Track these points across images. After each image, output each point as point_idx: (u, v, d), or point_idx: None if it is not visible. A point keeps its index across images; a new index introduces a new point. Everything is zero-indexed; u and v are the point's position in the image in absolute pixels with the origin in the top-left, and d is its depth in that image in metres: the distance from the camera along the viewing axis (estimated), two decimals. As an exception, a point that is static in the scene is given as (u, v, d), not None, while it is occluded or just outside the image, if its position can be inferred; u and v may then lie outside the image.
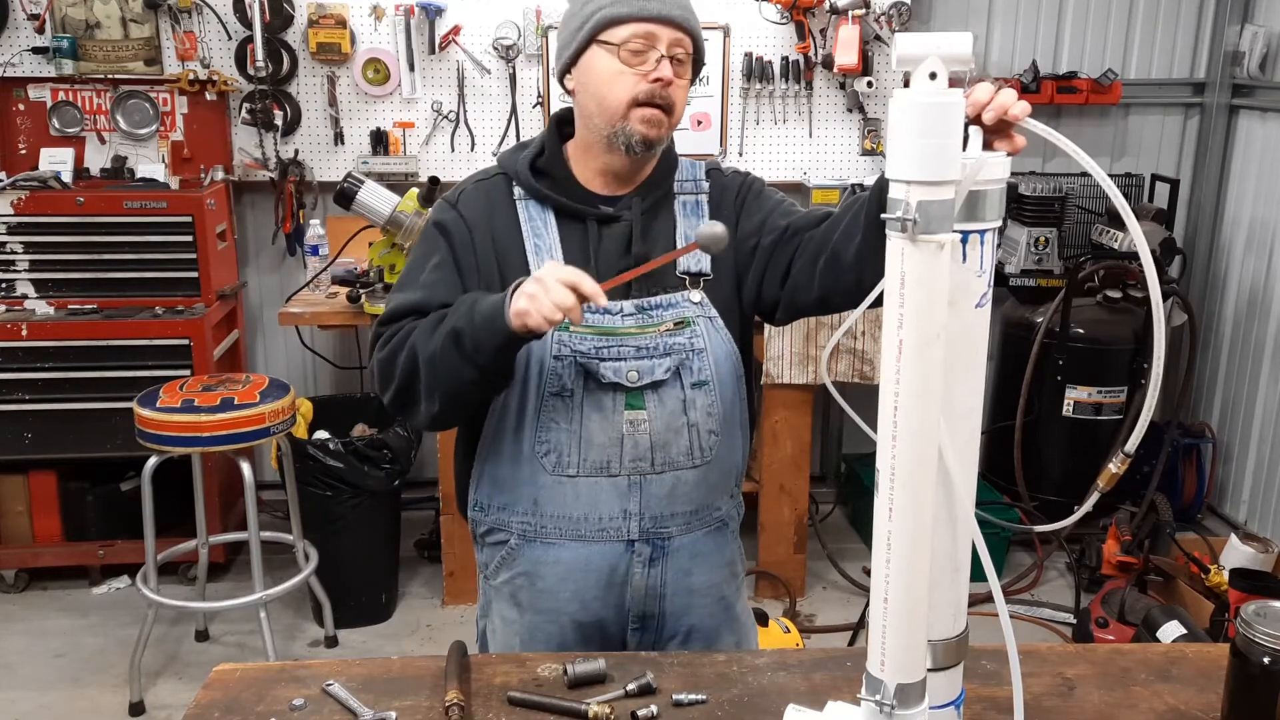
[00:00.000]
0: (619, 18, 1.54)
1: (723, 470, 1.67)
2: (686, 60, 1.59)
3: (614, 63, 1.55)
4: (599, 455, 1.58)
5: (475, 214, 1.63)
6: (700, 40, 1.61)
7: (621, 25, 1.54)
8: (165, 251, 3.60)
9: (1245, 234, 4.22)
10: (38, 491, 3.71)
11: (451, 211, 1.65)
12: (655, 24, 1.54)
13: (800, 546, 3.74)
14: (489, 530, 1.70)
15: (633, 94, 1.55)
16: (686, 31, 1.57)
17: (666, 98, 1.56)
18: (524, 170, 1.64)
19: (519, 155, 1.66)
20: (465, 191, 1.67)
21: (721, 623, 1.73)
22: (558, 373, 1.57)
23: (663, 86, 1.55)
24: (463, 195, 1.66)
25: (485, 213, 1.64)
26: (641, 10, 1.54)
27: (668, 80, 1.55)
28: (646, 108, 1.55)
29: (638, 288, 1.60)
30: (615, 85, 1.56)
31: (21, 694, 3.18)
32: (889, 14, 3.99)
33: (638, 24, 1.54)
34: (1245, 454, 4.19)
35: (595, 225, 1.62)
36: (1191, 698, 1.42)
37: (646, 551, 1.63)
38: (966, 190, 1.03)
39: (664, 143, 1.61)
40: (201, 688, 1.44)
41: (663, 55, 1.55)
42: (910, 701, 1.07)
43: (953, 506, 1.11)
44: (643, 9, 1.54)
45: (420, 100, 4.02)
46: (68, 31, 3.84)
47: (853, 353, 3.58)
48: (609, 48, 1.56)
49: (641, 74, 1.55)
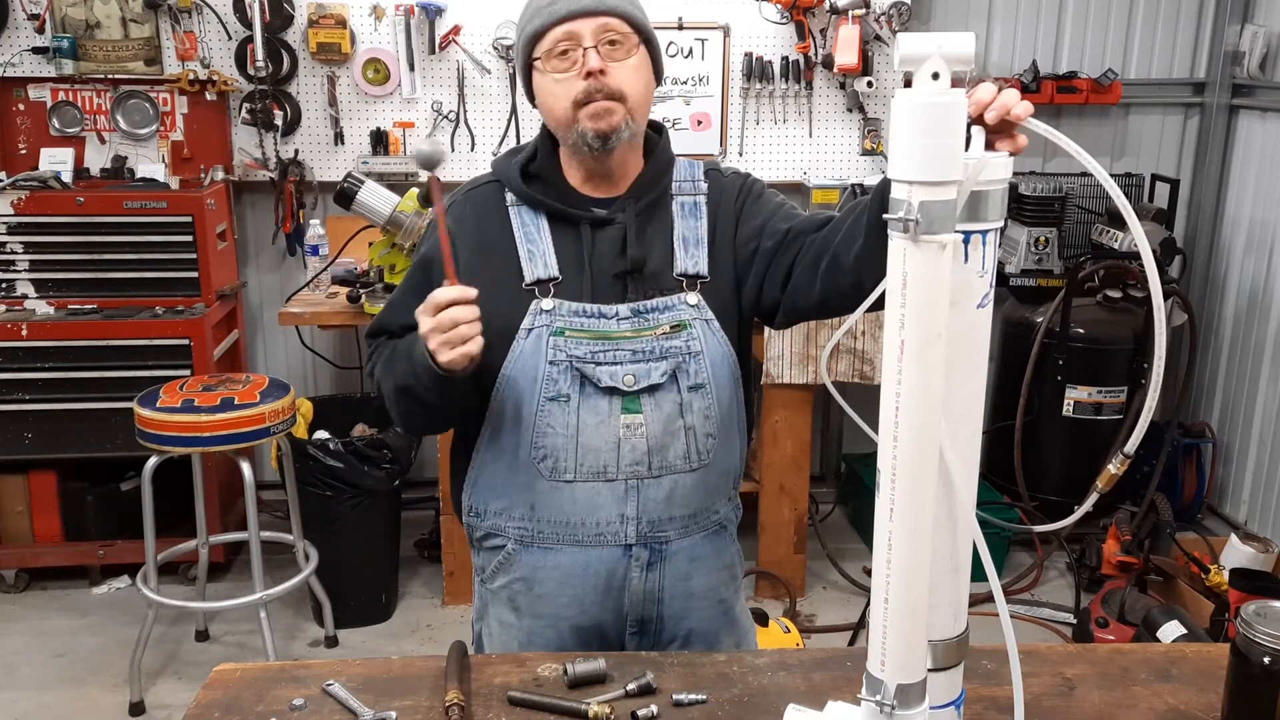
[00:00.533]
0: (538, 31, 1.54)
1: (720, 473, 1.66)
2: (623, 39, 1.55)
3: (549, 77, 1.55)
4: (596, 460, 1.57)
5: (463, 227, 1.63)
6: (630, 14, 1.56)
7: (543, 38, 1.53)
8: (165, 251, 3.60)
9: (1245, 234, 4.22)
10: (38, 491, 3.71)
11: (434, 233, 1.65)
12: (570, 21, 1.52)
13: (800, 546, 3.75)
14: (485, 535, 1.69)
15: (571, 97, 1.53)
16: (609, 13, 1.53)
17: (605, 87, 1.53)
18: (515, 176, 1.63)
19: (511, 161, 1.66)
20: (454, 204, 1.67)
21: (720, 625, 1.72)
22: (553, 378, 1.56)
23: (598, 77, 1.52)
24: (452, 206, 1.66)
25: (476, 223, 1.63)
26: (552, 15, 1.52)
27: (597, 69, 1.52)
28: (589, 104, 1.54)
29: (634, 291, 1.59)
30: (556, 96, 1.55)
31: (21, 694, 3.18)
32: (889, 14, 3.99)
33: (555, 28, 1.52)
34: (1245, 454, 4.19)
35: (589, 229, 1.61)
36: (1191, 698, 1.42)
37: (644, 556, 1.62)
38: (969, 190, 1.03)
39: (625, 130, 1.56)
40: (201, 688, 1.44)
41: (587, 48, 1.52)
42: (910, 702, 1.07)
43: (953, 506, 1.11)
44: (552, 14, 1.52)
45: (420, 100, 4.02)
46: (68, 31, 3.84)
47: (853, 353, 3.58)
48: (541, 63, 1.56)
49: (575, 75, 1.53)
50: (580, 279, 1.59)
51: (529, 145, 1.68)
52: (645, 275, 1.59)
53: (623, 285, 1.59)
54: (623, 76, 1.54)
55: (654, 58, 1.62)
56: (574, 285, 1.58)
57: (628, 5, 1.56)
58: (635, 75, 1.56)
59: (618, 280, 1.59)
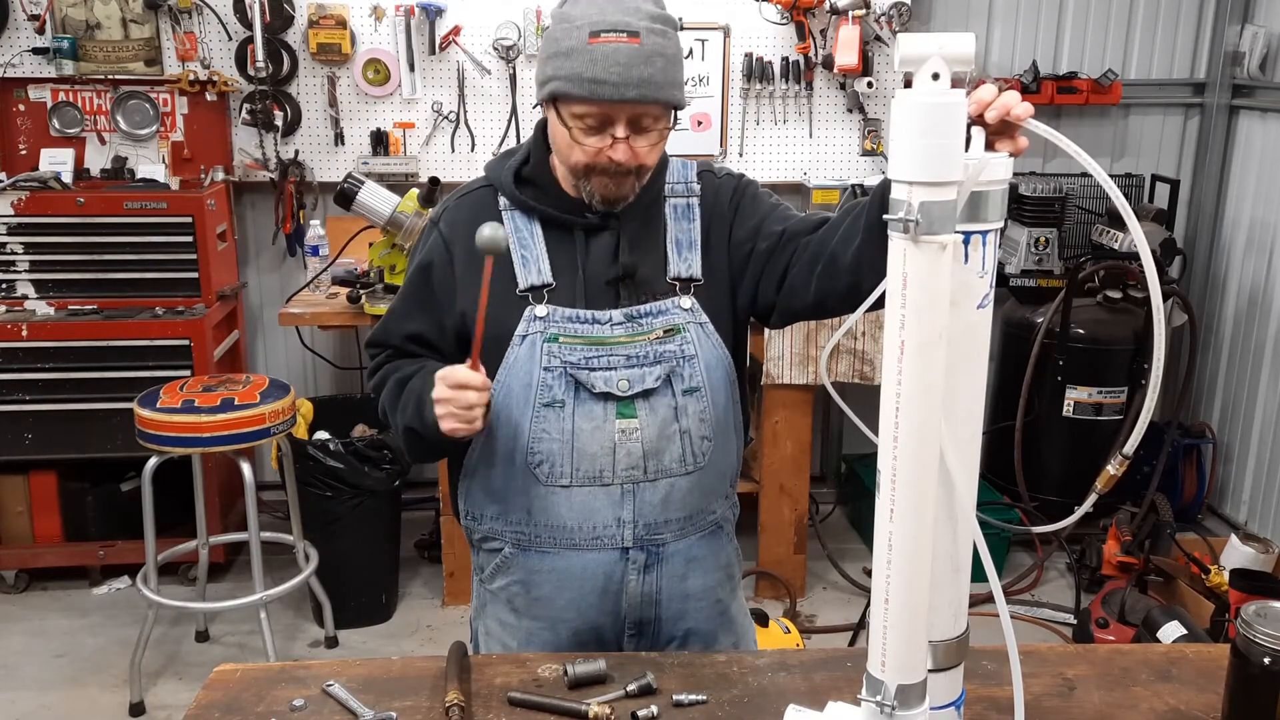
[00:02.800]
0: (571, 97, 1.47)
1: (717, 474, 1.66)
2: (655, 122, 1.51)
3: (571, 134, 1.50)
4: (591, 464, 1.57)
5: (456, 232, 1.62)
6: (669, 98, 1.50)
7: (575, 103, 1.47)
8: (165, 252, 3.60)
9: (1245, 234, 4.22)
10: (38, 492, 3.71)
11: (434, 234, 1.65)
12: (610, 106, 1.46)
13: (800, 547, 3.74)
14: (484, 538, 1.70)
15: (588, 163, 1.52)
16: (648, 102, 1.47)
17: (624, 166, 1.51)
18: (508, 180, 1.62)
19: (504, 165, 1.64)
20: (449, 209, 1.66)
21: (718, 626, 1.72)
22: (548, 383, 1.56)
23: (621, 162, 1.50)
24: (445, 213, 1.66)
25: (468, 228, 1.60)
26: (593, 94, 1.45)
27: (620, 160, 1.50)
28: (605, 175, 1.52)
29: (627, 296, 1.59)
30: (572, 151, 1.52)
31: (21, 694, 3.18)
32: (889, 14, 3.99)
33: (591, 105, 1.46)
34: (1245, 454, 4.19)
35: (582, 234, 1.60)
36: (1192, 698, 1.42)
37: (641, 558, 1.62)
38: (969, 191, 1.03)
39: (631, 196, 1.56)
40: (202, 688, 1.44)
41: (618, 139, 1.48)
42: (911, 702, 1.07)
43: (953, 507, 1.11)
44: (594, 93, 1.45)
45: (420, 101, 4.02)
46: (68, 32, 3.84)
47: (853, 353, 3.58)
48: (565, 117, 1.50)
49: (598, 147, 1.50)
50: (574, 285, 1.58)
51: (522, 148, 1.66)
52: (638, 280, 1.59)
53: (615, 291, 1.59)
54: (644, 155, 1.53)
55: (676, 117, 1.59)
56: (568, 291, 1.58)
57: (668, 91, 1.49)
58: (657, 148, 1.55)
59: (610, 286, 1.59)
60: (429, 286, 1.63)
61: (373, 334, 1.72)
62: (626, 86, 1.44)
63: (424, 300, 1.65)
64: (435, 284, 1.63)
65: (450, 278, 1.62)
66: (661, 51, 1.47)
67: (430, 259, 1.64)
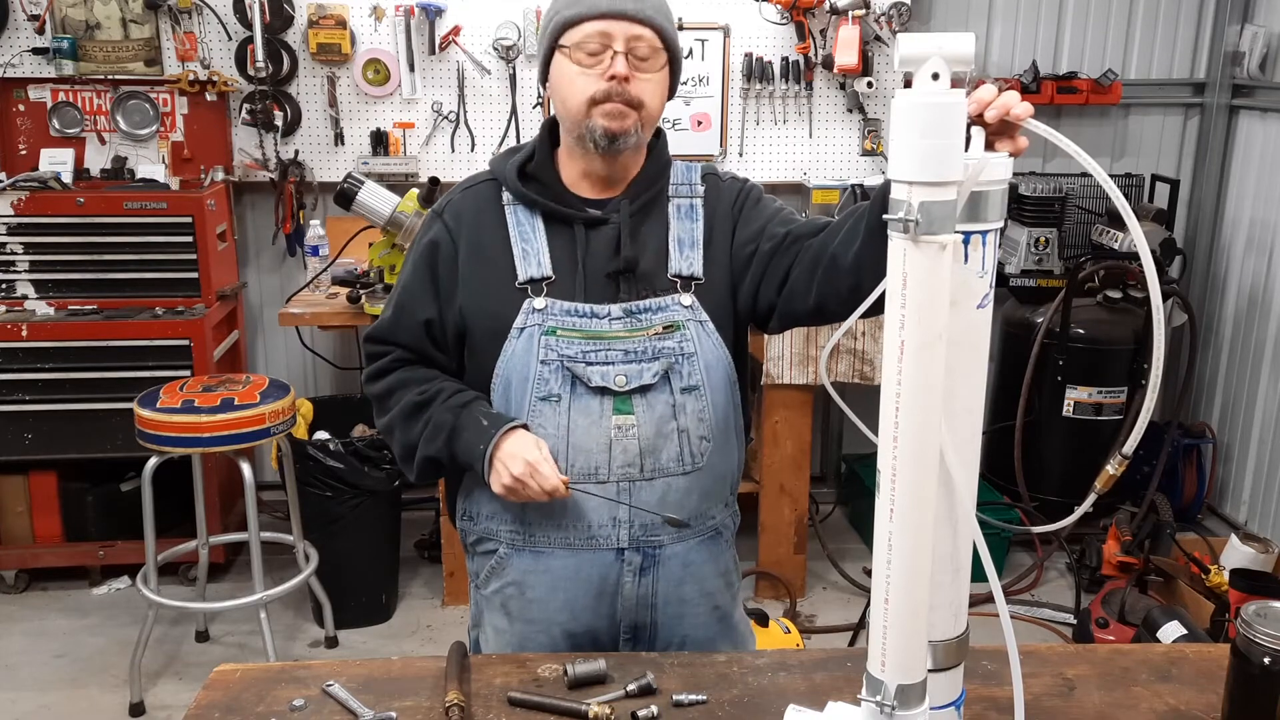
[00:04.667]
0: (572, 19, 1.54)
1: (716, 477, 1.65)
2: (652, 54, 1.56)
3: (573, 65, 1.56)
4: (587, 461, 1.56)
5: (460, 223, 1.63)
6: (665, 30, 1.57)
7: (576, 27, 1.54)
8: (165, 252, 3.60)
9: (1245, 234, 4.22)
10: (38, 492, 3.71)
11: (437, 222, 1.65)
12: (608, 20, 1.53)
13: (800, 547, 3.74)
14: (478, 540, 1.69)
15: (590, 93, 1.54)
16: (646, 24, 1.55)
17: (626, 93, 1.54)
18: (512, 175, 1.63)
19: (509, 160, 1.65)
20: (453, 201, 1.67)
21: (717, 633, 1.71)
22: (544, 377, 1.56)
23: (620, 82, 1.53)
24: (450, 204, 1.66)
25: (472, 220, 1.64)
26: (592, 8, 1.53)
27: (623, 76, 1.53)
28: (606, 103, 1.54)
29: (626, 291, 1.59)
30: (575, 86, 1.56)
31: (21, 694, 3.18)
32: (889, 14, 3.99)
33: (591, 23, 1.53)
34: (1245, 454, 4.19)
35: (583, 229, 1.61)
36: (1192, 698, 1.42)
37: (637, 560, 1.61)
38: (969, 191, 1.03)
39: (633, 136, 1.57)
40: (202, 688, 1.44)
41: (618, 52, 1.53)
42: (911, 702, 1.07)
43: (954, 507, 1.11)
44: (593, 6, 1.53)
45: (420, 101, 4.02)
46: (68, 32, 3.84)
47: (853, 353, 3.58)
48: (567, 51, 1.56)
49: (599, 74, 1.54)
50: (573, 279, 1.59)
51: (527, 145, 1.68)
52: (638, 275, 1.59)
53: (615, 285, 1.59)
54: (644, 88, 1.56)
55: (674, 75, 1.64)
56: (567, 285, 1.58)
57: (665, 20, 1.58)
58: (655, 89, 1.58)
59: (611, 280, 1.59)
60: (435, 269, 1.63)
61: (375, 328, 1.69)
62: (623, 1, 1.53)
63: (431, 282, 1.64)
64: (441, 266, 1.62)
65: (454, 266, 1.62)
66: None
67: (436, 240, 1.64)
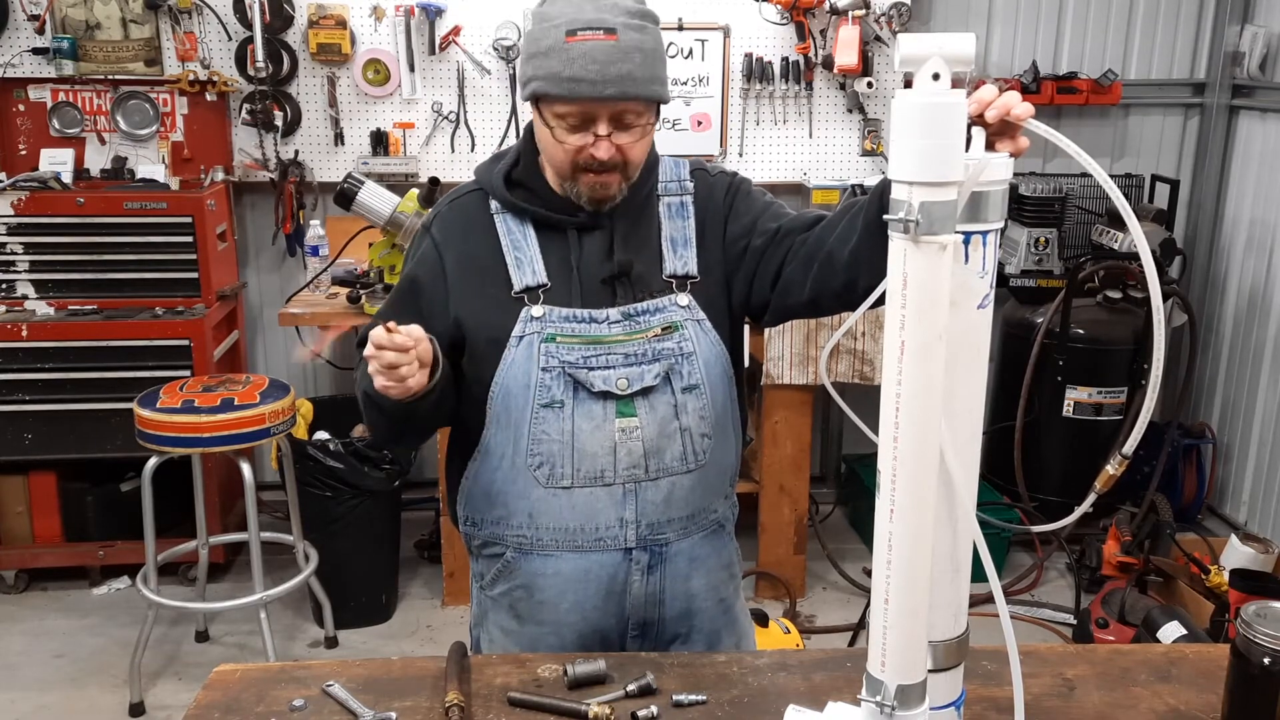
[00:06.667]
0: (551, 97, 1.48)
1: (718, 472, 1.66)
2: (637, 119, 1.51)
3: (554, 134, 1.51)
4: (592, 465, 1.57)
5: (448, 236, 1.62)
6: (650, 94, 1.50)
7: (556, 103, 1.48)
8: (165, 252, 3.60)
9: (1245, 234, 4.22)
10: (38, 492, 3.71)
11: (426, 239, 1.64)
12: (590, 104, 1.47)
13: (800, 547, 3.74)
14: (484, 544, 1.69)
15: (573, 162, 1.52)
16: (628, 99, 1.48)
17: (609, 165, 1.51)
18: (499, 183, 1.61)
19: (494, 168, 1.64)
20: (440, 214, 1.66)
21: (721, 625, 1.72)
22: (546, 384, 1.55)
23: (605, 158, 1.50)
24: (437, 218, 1.65)
25: (461, 233, 1.62)
26: (572, 93, 1.45)
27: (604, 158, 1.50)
28: (590, 174, 1.52)
29: (623, 295, 1.58)
30: (557, 152, 1.52)
31: (21, 694, 3.18)
32: (889, 14, 3.99)
33: (570, 104, 1.47)
34: (1245, 454, 4.19)
35: (575, 234, 1.60)
36: (1192, 698, 1.42)
37: (644, 559, 1.62)
38: (969, 191, 1.03)
39: (618, 196, 1.56)
40: (201, 688, 1.44)
41: (600, 137, 1.48)
42: (911, 702, 1.07)
43: (953, 507, 1.11)
44: (572, 91, 1.45)
45: (420, 101, 4.02)
46: (68, 32, 3.84)
47: (853, 353, 3.58)
48: (548, 117, 1.50)
49: (582, 144, 1.50)
50: (569, 285, 1.58)
51: (511, 151, 1.66)
52: (634, 278, 1.59)
53: (612, 289, 1.58)
54: (629, 149, 1.53)
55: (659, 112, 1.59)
56: (563, 291, 1.58)
57: (649, 87, 1.49)
58: (641, 144, 1.54)
59: (606, 285, 1.58)
60: (417, 302, 1.62)
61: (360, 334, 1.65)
62: (605, 84, 1.45)
63: (413, 297, 1.63)
64: (424, 298, 1.62)
65: (442, 287, 1.61)
66: (640, 47, 1.47)
67: (416, 274, 1.63)
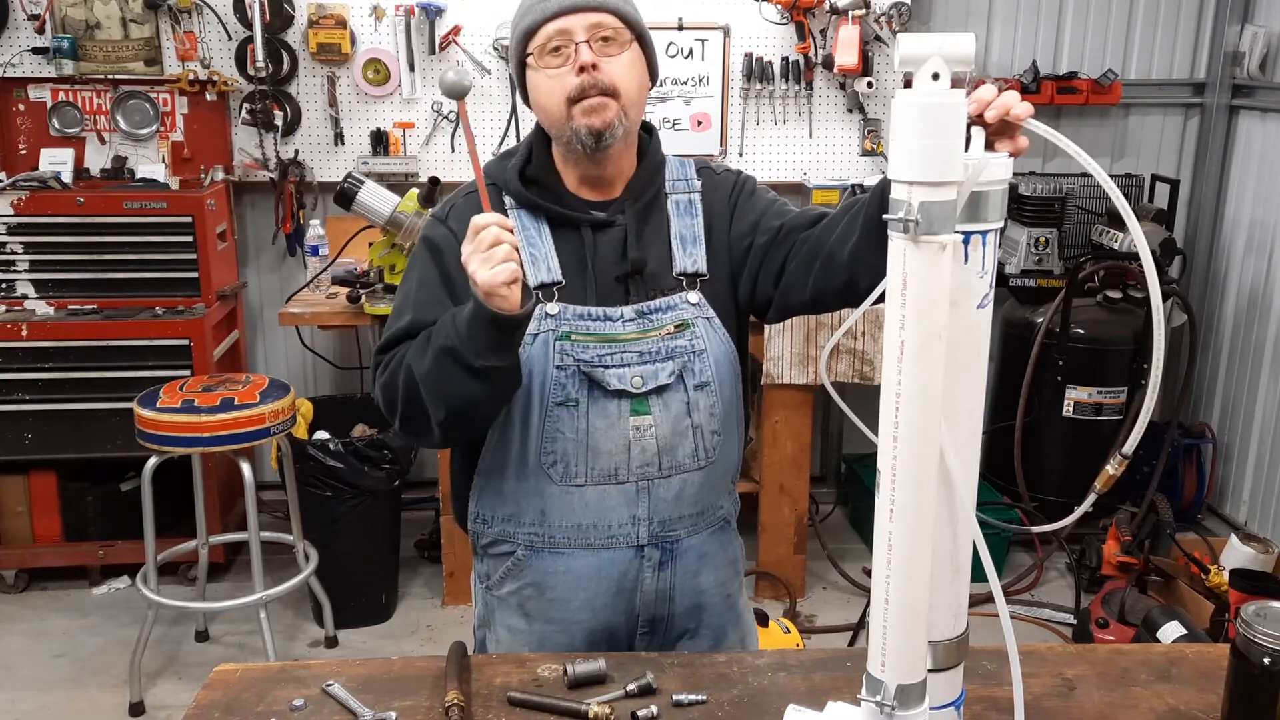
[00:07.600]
0: (531, 27, 1.54)
1: (725, 468, 1.67)
2: (616, 35, 1.54)
3: (542, 74, 1.55)
4: (606, 463, 1.57)
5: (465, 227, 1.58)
6: (623, 10, 1.55)
7: (536, 33, 1.53)
8: (165, 252, 3.59)
9: (1245, 234, 4.22)
10: (38, 491, 3.71)
11: (441, 228, 1.63)
12: (563, 17, 1.52)
13: (800, 547, 3.74)
14: (493, 542, 1.68)
15: (565, 94, 1.53)
16: (601, 10, 1.53)
17: (599, 82, 1.52)
18: (514, 180, 1.62)
19: (507, 164, 1.64)
20: (455, 206, 1.65)
21: (727, 621, 1.73)
22: (561, 382, 1.55)
23: (591, 72, 1.52)
24: (453, 210, 1.64)
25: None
26: (544, 11, 1.52)
27: (590, 64, 1.51)
28: (582, 100, 1.53)
29: (636, 292, 1.59)
30: (550, 92, 1.54)
31: (21, 694, 3.18)
32: (889, 14, 3.99)
33: (549, 24, 1.52)
34: (1245, 454, 4.19)
35: (590, 232, 1.60)
36: (1192, 698, 1.42)
37: (656, 556, 1.62)
38: (969, 191, 1.03)
39: (618, 128, 1.55)
40: (201, 688, 1.44)
41: (580, 43, 1.52)
42: (911, 702, 1.07)
43: (953, 507, 1.11)
44: (544, 10, 1.52)
45: (420, 100, 4.02)
46: (68, 32, 3.84)
47: (853, 353, 3.58)
48: (534, 59, 1.55)
49: (568, 70, 1.52)
50: (583, 282, 1.58)
51: (521, 148, 1.66)
52: (646, 276, 1.59)
53: (625, 287, 1.59)
54: (616, 72, 1.54)
55: (648, 56, 1.61)
56: (577, 289, 1.58)
57: (620, 2, 1.56)
58: (629, 71, 1.56)
59: (620, 282, 1.59)
60: (446, 270, 1.58)
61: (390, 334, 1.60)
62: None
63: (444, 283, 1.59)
64: (451, 268, 1.57)
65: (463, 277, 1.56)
66: None
67: (440, 245, 1.61)
